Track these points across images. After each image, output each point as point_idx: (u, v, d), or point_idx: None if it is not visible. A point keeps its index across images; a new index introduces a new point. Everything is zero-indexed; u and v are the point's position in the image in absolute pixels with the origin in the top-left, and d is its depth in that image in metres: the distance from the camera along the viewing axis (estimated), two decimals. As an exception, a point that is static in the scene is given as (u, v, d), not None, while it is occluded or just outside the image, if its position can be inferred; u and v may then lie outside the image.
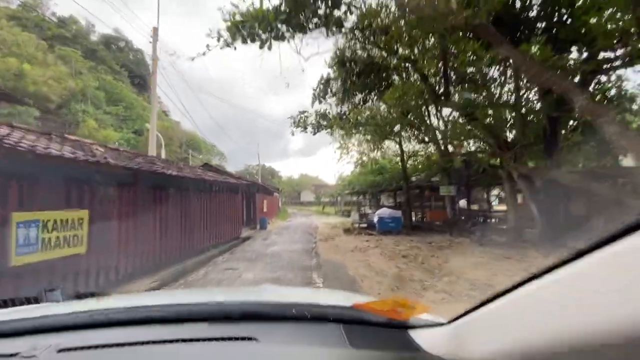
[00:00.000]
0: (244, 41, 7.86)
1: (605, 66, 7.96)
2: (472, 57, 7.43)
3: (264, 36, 7.81)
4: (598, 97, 9.82)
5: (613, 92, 9.84)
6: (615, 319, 0.43)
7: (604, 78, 9.51)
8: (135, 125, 47.45)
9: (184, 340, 0.89)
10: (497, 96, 10.61)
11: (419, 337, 0.94)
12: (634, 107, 10.64)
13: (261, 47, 7.96)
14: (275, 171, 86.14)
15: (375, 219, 15.22)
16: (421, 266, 7.39)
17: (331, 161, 47.99)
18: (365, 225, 17.51)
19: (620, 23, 7.26)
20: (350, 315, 1.02)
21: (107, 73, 63.90)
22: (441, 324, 0.93)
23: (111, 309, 1.11)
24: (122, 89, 60.00)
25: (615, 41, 7.20)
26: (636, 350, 0.42)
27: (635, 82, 9.44)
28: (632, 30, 7.22)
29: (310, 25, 9.87)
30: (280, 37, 8.02)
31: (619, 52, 7.68)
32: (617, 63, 7.79)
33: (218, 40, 8.57)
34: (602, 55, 7.80)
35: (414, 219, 17.21)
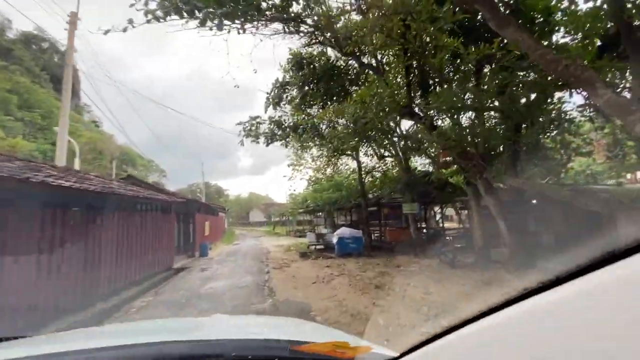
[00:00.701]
0: (179, 13, 6.06)
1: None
2: (450, 54, 6.54)
3: (205, 11, 6.11)
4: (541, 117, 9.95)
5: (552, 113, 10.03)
6: None
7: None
8: (55, 136, 41.08)
9: None
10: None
11: None
12: (573, 128, 10.99)
13: (201, 24, 6.23)
14: (222, 190, 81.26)
15: (334, 240, 13.75)
16: (403, 302, 5.97)
17: (282, 180, 46.37)
18: (322, 246, 15.96)
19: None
20: (293, 355, 0.99)
21: (24, 75, 55.77)
22: (391, 359, 0.90)
23: (35, 357, 0.99)
24: (41, 94, 52.51)
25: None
26: None
27: (575, 103, 9.66)
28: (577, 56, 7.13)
29: (266, 14, 8.44)
30: (227, 15, 6.38)
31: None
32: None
33: (146, 15, 6.67)
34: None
35: (371, 238, 16.10)
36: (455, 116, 8.14)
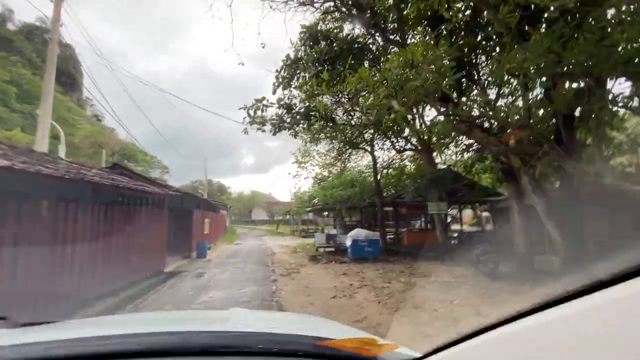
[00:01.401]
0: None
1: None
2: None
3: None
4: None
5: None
6: None
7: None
8: (55, 129, 39.91)
9: None
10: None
11: None
12: (617, 121, 9.45)
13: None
14: (225, 187, 79.93)
15: (348, 242, 12.26)
16: (459, 330, 4.45)
17: (285, 178, 44.96)
18: (332, 248, 14.44)
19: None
20: (318, 351, 0.95)
21: (25, 67, 54.92)
22: (415, 359, 0.89)
23: (64, 341, 0.98)
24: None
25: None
26: None
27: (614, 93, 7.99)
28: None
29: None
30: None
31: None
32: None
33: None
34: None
35: (386, 241, 14.56)
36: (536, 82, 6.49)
